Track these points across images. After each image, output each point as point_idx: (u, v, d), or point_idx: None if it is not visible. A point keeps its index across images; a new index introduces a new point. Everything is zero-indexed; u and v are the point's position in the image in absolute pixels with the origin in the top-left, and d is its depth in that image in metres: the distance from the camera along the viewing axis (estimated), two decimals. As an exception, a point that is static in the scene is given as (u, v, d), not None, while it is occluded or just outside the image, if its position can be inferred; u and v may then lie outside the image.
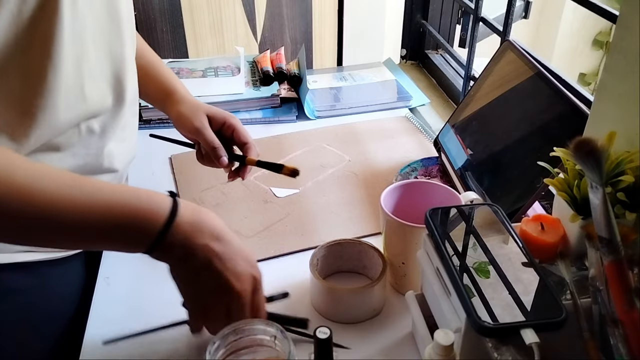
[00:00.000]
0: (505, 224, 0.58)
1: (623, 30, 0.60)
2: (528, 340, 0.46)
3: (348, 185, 0.95)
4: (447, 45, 1.31)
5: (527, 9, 1.15)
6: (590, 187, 0.50)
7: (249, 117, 1.15)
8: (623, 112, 0.60)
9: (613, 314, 0.49)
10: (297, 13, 1.43)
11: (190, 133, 0.80)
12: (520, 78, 0.85)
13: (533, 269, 0.53)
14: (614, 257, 0.49)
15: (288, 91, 1.20)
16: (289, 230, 0.84)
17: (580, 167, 0.50)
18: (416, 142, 1.08)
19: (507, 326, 0.48)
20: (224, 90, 1.16)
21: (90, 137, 0.68)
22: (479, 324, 0.48)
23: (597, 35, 2.63)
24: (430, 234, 0.59)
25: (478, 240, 0.57)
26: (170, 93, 0.83)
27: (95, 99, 0.66)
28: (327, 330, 0.54)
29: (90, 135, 0.68)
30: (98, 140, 0.69)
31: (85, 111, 0.65)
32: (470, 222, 0.60)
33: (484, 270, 0.53)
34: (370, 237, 0.82)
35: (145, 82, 0.83)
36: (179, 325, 0.65)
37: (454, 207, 0.62)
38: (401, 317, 0.70)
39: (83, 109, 0.65)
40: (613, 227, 0.49)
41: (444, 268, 0.54)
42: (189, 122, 0.79)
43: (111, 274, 0.77)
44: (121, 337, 0.65)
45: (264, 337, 0.58)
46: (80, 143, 0.67)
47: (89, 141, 0.68)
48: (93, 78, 0.65)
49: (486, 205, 0.62)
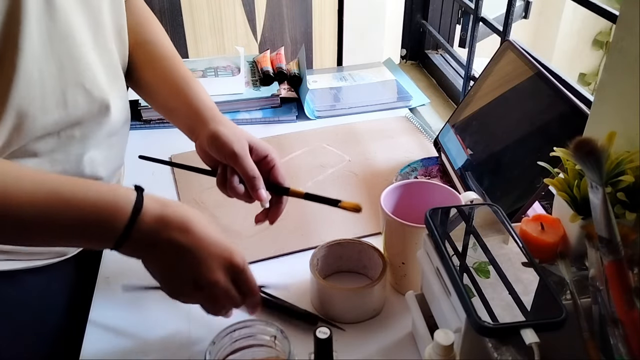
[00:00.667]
0: (505, 224, 0.58)
1: (623, 30, 0.60)
2: (528, 340, 0.46)
3: (348, 186, 0.95)
4: (447, 45, 1.31)
5: (527, 9, 1.15)
6: (591, 187, 0.50)
7: (249, 117, 1.15)
8: (623, 112, 0.60)
9: (613, 314, 0.49)
10: (297, 13, 1.43)
11: (226, 158, 0.69)
12: (520, 78, 0.85)
13: (533, 269, 0.53)
14: (614, 257, 0.49)
15: (288, 91, 1.20)
16: (289, 230, 0.84)
17: (580, 167, 0.50)
18: (416, 142, 1.08)
19: (507, 326, 0.48)
20: (224, 90, 1.16)
21: (70, 144, 0.67)
22: (479, 324, 0.48)
23: (597, 35, 2.63)
24: (430, 234, 0.59)
25: (478, 240, 0.57)
26: (209, 109, 0.74)
27: (77, 106, 0.65)
28: (327, 330, 0.54)
29: (70, 142, 0.67)
30: (78, 146, 0.68)
31: (66, 118, 0.64)
32: (470, 222, 0.60)
33: (484, 270, 0.53)
34: (370, 237, 0.82)
35: (174, 96, 0.76)
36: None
37: (454, 207, 0.62)
38: (401, 317, 0.70)
39: (63, 115, 0.64)
40: (613, 227, 0.49)
41: (444, 268, 0.54)
42: (228, 145, 0.68)
43: (111, 274, 0.77)
44: (140, 286, 0.66)
45: (264, 337, 0.58)
46: (60, 149, 0.66)
47: (69, 148, 0.67)
48: (76, 84, 0.64)
49: (486, 205, 0.62)
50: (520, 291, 0.51)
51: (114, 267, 0.78)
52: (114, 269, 0.78)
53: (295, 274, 0.75)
